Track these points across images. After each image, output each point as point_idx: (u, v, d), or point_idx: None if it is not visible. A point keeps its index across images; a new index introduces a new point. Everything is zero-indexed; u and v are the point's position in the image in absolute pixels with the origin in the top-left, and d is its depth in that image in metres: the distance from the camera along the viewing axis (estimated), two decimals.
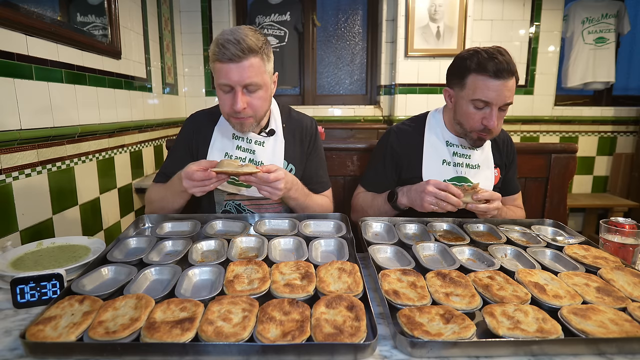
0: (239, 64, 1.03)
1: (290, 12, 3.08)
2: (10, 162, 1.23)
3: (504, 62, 1.10)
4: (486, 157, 1.30)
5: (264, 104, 1.13)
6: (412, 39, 2.83)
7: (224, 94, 1.10)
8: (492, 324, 0.64)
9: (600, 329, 0.63)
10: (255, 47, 1.04)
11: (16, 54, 1.26)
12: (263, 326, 0.62)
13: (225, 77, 1.05)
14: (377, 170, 1.35)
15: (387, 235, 1.08)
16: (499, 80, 1.10)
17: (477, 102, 1.14)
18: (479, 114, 1.16)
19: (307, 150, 1.31)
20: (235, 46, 1.02)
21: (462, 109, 1.19)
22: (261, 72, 1.07)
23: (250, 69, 1.04)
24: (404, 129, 1.36)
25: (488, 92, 1.12)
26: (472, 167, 1.27)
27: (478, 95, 1.13)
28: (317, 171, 1.32)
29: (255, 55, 1.05)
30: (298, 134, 1.30)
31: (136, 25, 2.18)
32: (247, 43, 1.02)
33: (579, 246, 0.98)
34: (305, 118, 1.34)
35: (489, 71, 1.10)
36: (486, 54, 1.12)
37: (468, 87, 1.16)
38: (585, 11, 3.07)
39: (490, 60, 1.10)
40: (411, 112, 2.96)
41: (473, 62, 1.13)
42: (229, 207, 1.26)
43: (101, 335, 0.60)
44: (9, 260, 0.93)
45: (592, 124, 3.22)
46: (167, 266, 0.83)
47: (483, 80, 1.12)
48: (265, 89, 1.11)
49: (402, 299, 0.71)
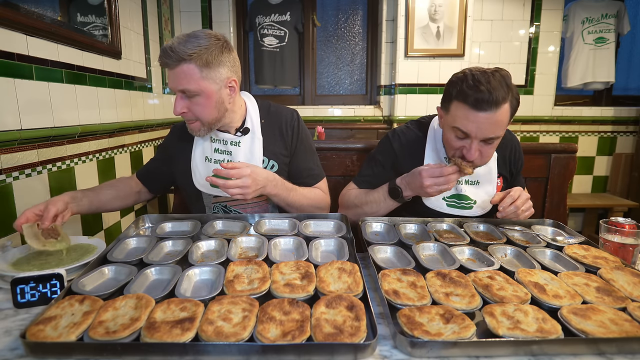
0: (173, 70, 1.06)
1: (290, 12, 3.08)
2: (10, 162, 1.23)
3: (486, 91, 0.97)
4: (489, 170, 1.22)
5: (206, 110, 1.11)
6: (412, 39, 2.83)
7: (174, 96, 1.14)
8: (492, 324, 0.64)
9: (600, 329, 0.63)
10: (184, 54, 1.03)
11: (16, 54, 1.26)
12: (263, 326, 0.62)
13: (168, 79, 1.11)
14: (375, 172, 1.31)
15: (387, 235, 1.08)
16: (479, 112, 0.99)
17: (457, 131, 1.06)
18: (459, 142, 1.08)
19: (290, 144, 1.27)
20: (166, 55, 1.04)
21: (445, 135, 1.14)
22: (195, 79, 1.06)
23: (181, 76, 1.06)
24: (407, 134, 1.30)
25: (467, 124, 1.02)
26: (472, 183, 1.22)
27: (457, 124, 1.05)
28: (307, 164, 1.29)
29: (188, 62, 1.04)
30: (278, 128, 1.27)
31: (136, 26, 2.18)
32: (175, 51, 1.03)
33: (579, 246, 0.98)
34: (284, 111, 1.31)
35: (468, 102, 1.00)
36: (472, 81, 1.00)
37: (450, 114, 1.07)
38: (585, 11, 3.07)
39: (472, 89, 0.99)
40: (411, 112, 2.96)
41: (456, 89, 1.04)
42: (216, 209, 1.27)
43: (101, 335, 0.60)
44: (10, 260, 0.94)
45: (592, 124, 3.22)
46: (167, 266, 0.83)
47: (463, 109, 1.02)
48: (205, 96, 1.09)
49: (402, 299, 0.71)
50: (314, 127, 2.78)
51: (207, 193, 1.25)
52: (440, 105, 1.16)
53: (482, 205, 1.21)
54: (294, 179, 1.26)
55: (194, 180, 1.24)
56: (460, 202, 1.21)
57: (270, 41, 3.10)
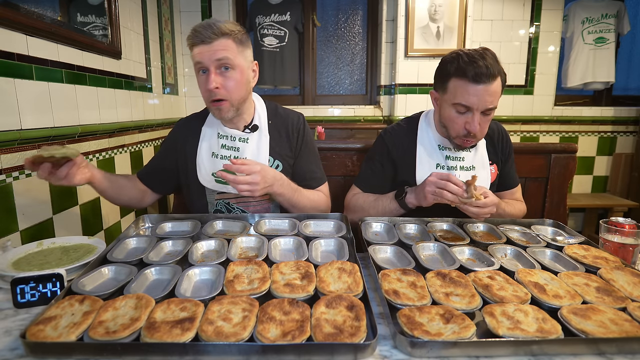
0: (211, 44, 1.08)
1: (290, 12, 3.08)
2: (10, 162, 1.23)
3: (484, 66, 1.06)
4: (480, 156, 1.28)
5: (238, 87, 1.14)
6: (412, 39, 2.83)
7: (200, 76, 1.13)
8: (492, 324, 0.64)
9: (600, 329, 0.63)
10: (226, 30, 1.09)
11: (16, 54, 1.26)
12: (263, 326, 0.62)
13: (199, 57, 1.10)
14: (375, 171, 1.33)
15: (387, 235, 1.08)
16: (479, 85, 1.08)
17: (458, 106, 1.13)
18: (461, 118, 1.14)
19: (295, 146, 1.29)
20: (207, 29, 1.08)
21: (446, 113, 1.18)
22: (234, 52, 1.11)
23: (221, 48, 1.09)
24: (398, 131, 1.35)
25: (468, 97, 1.10)
26: (467, 169, 1.26)
27: (458, 99, 1.11)
28: (309, 167, 1.31)
29: (227, 37, 1.09)
30: (284, 130, 1.28)
31: (136, 25, 2.18)
32: (218, 26, 1.08)
33: (579, 246, 0.98)
34: (292, 114, 1.33)
35: (468, 76, 1.08)
36: (467, 58, 1.09)
37: (449, 92, 1.14)
38: (585, 11, 3.07)
39: (469, 65, 1.08)
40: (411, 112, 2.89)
41: (453, 67, 1.11)
42: (219, 206, 1.26)
43: (101, 335, 0.60)
44: (10, 260, 0.94)
45: (592, 124, 3.21)
46: (167, 266, 0.83)
47: (463, 85, 1.10)
48: (239, 72, 1.13)
49: (402, 299, 0.71)
50: (314, 127, 2.78)
51: (211, 189, 1.24)
52: (434, 89, 1.23)
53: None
54: (296, 181, 1.26)
55: (199, 176, 1.24)
56: None
57: (270, 41, 3.10)
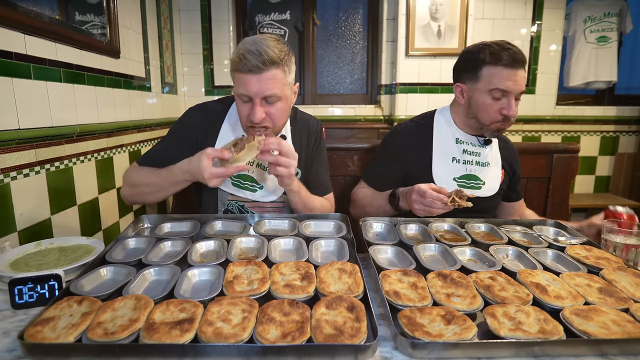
0: (259, 75, 1.01)
1: (290, 11, 3.07)
2: (8, 162, 1.23)
3: (517, 51, 1.13)
4: (495, 155, 1.30)
5: (283, 116, 1.11)
6: (413, 38, 2.82)
7: (242, 103, 1.08)
8: (494, 325, 0.63)
9: (602, 330, 0.63)
10: (277, 58, 1.01)
11: (14, 53, 1.25)
12: (263, 327, 0.62)
13: (244, 87, 1.03)
14: (381, 168, 1.34)
15: (387, 235, 1.07)
16: (514, 69, 1.13)
17: (495, 92, 1.16)
18: (496, 104, 1.17)
19: (311, 152, 1.29)
20: (257, 57, 0.99)
21: (479, 102, 1.19)
22: (281, 84, 1.05)
23: (270, 81, 1.02)
24: (412, 127, 1.35)
25: (506, 82, 1.14)
26: (482, 164, 1.27)
27: (495, 84, 1.15)
28: (320, 174, 1.30)
29: (277, 67, 1.02)
30: (305, 136, 1.28)
31: (135, 24, 2.17)
32: (268, 55, 1.00)
33: (581, 246, 0.97)
34: (311, 120, 1.32)
35: (504, 60, 1.13)
36: (497, 46, 1.15)
37: (483, 79, 1.17)
38: (587, 10, 3.06)
39: (504, 51, 1.13)
40: (412, 112, 2.95)
41: (486, 54, 1.16)
42: (231, 206, 1.25)
43: (100, 336, 0.60)
44: (8, 260, 0.93)
45: (594, 124, 3.20)
46: (167, 267, 0.83)
47: (499, 70, 1.14)
48: (284, 101, 1.08)
49: (403, 300, 0.71)
50: None
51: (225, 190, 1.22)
52: (460, 81, 1.25)
53: (490, 187, 1.27)
54: (306, 187, 1.25)
55: None
56: (469, 182, 1.25)
57: None
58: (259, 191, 1.21)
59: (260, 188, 1.21)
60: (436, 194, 1.03)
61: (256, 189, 1.21)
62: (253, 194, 1.21)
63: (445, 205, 1.02)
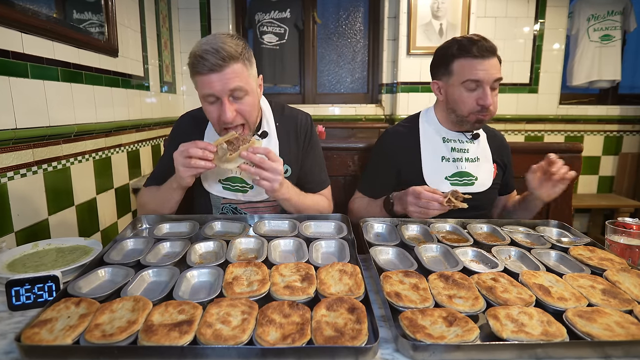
0: (221, 72, 1.00)
1: (290, 9, 3.06)
2: (5, 162, 1.22)
3: (484, 41, 1.16)
4: (483, 149, 1.30)
5: (254, 110, 1.10)
6: (414, 37, 2.81)
7: (210, 105, 1.06)
8: (496, 327, 0.63)
9: (605, 332, 0.62)
10: (235, 53, 1.00)
11: (11, 51, 1.24)
12: (263, 329, 0.61)
13: (208, 87, 1.01)
14: (374, 175, 1.34)
15: (388, 236, 1.07)
16: (484, 59, 1.15)
17: (468, 83, 1.17)
18: (472, 95, 1.18)
19: (302, 148, 1.27)
20: (215, 55, 0.98)
21: (455, 95, 1.21)
22: (245, 77, 1.04)
23: (232, 76, 1.01)
24: (398, 131, 1.35)
25: (477, 72, 1.15)
26: (472, 160, 1.27)
27: (467, 76, 1.16)
28: (314, 169, 1.29)
29: (237, 61, 1.01)
30: (293, 132, 1.26)
31: (133, 23, 2.16)
32: (226, 51, 0.99)
33: (585, 247, 0.96)
34: (299, 114, 1.30)
35: (473, 52, 1.15)
36: (466, 40, 1.17)
37: (456, 73, 1.19)
38: (590, 8, 3.04)
39: (471, 43, 1.16)
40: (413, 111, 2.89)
41: (454, 49, 1.18)
42: (225, 210, 1.25)
43: (98, 338, 0.59)
44: (4, 261, 0.92)
45: (597, 123, 3.19)
46: (165, 268, 0.82)
47: (469, 61, 1.16)
48: (252, 94, 1.08)
49: (404, 301, 0.70)
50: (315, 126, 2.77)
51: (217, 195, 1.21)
52: (435, 79, 1.27)
53: (483, 182, 1.28)
54: (300, 183, 1.25)
55: (204, 183, 1.20)
56: (462, 180, 1.25)
57: (270, 39, 3.08)
58: (250, 191, 1.20)
59: (250, 188, 1.20)
60: (431, 194, 1.05)
61: (247, 189, 1.20)
62: (245, 195, 1.21)
63: (441, 205, 1.04)
